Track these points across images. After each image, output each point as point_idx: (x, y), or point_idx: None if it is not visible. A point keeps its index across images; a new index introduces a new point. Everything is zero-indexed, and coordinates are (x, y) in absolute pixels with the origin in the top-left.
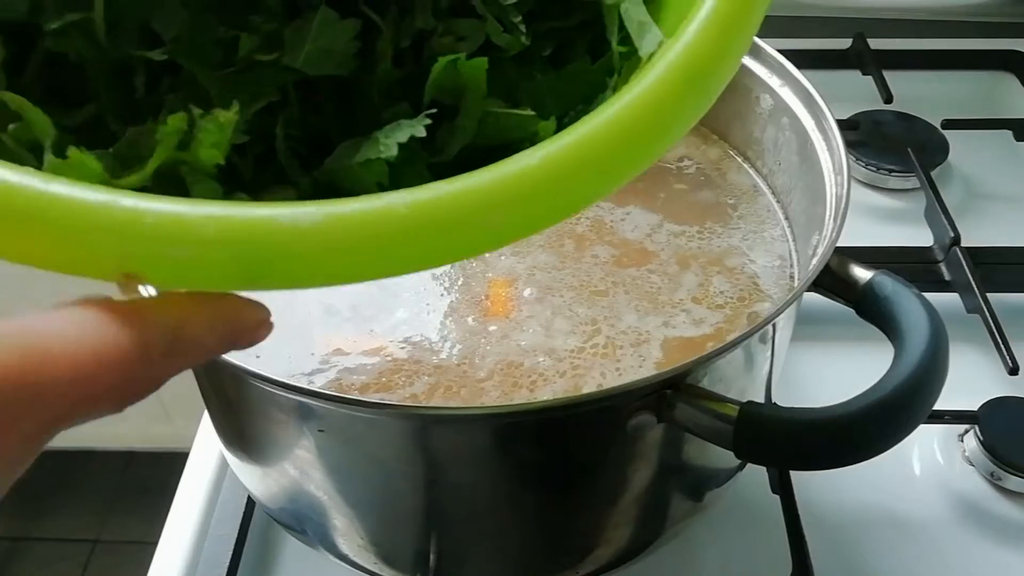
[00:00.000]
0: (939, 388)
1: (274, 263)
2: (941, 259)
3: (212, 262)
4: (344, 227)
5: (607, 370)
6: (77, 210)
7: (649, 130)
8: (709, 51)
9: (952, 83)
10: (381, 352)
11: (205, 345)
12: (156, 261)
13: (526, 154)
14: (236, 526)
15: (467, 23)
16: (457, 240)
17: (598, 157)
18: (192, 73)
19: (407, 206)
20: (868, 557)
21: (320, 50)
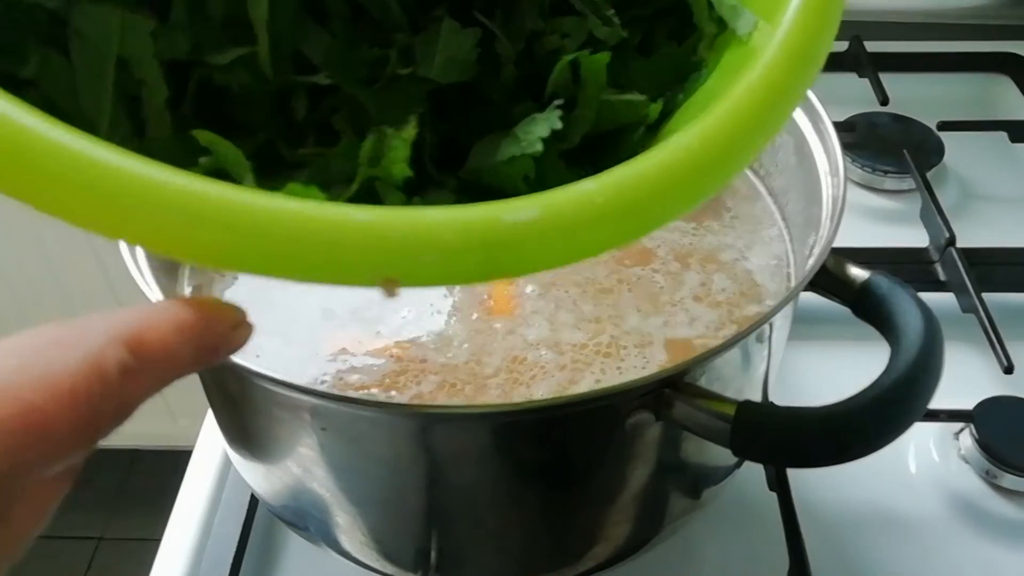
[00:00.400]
0: (934, 387)
1: (506, 256)
2: (936, 259)
3: (457, 262)
4: (558, 218)
5: (608, 367)
6: (343, 230)
7: (777, 103)
8: (811, 29)
9: (948, 85)
10: (387, 352)
11: (175, 354)
12: (411, 266)
13: (681, 136)
14: (239, 523)
15: (570, 21)
16: (644, 219)
17: (744, 131)
18: (347, 92)
19: (601, 194)
20: (864, 554)
21: (448, 59)
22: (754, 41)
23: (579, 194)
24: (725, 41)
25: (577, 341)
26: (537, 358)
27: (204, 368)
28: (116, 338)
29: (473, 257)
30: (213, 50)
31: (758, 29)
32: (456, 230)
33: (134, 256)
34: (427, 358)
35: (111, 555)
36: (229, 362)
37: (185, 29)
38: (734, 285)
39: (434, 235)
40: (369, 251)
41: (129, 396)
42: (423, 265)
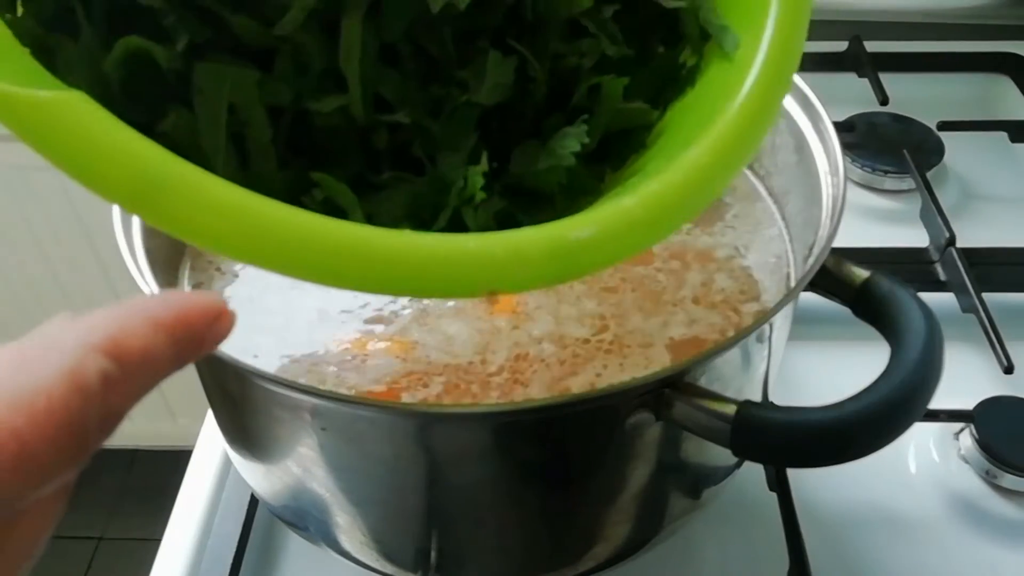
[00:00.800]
0: (934, 387)
1: (573, 265)
2: (937, 259)
3: (539, 273)
4: (609, 231)
5: (610, 363)
6: (460, 257)
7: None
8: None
9: (948, 85)
10: (391, 353)
11: (157, 356)
12: (508, 280)
13: (691, 152)
14: (239, 523)
15: (586, 42)
16: (670, 223)
17: (741, 141)
18: (417, 123)
19: (639, 207)
20: (864, 554)
21: (494, 85)
22: (737, 57)
23: (623, 210)
24: (711, 51)
25: (580, 336)
26: (539, 352)
27: (188, 364)
28: (92, 347)
29: (551, 268)
30: (312, 98)
31: (739, 49)
32: (539, 249)
33: (133, 255)
34: (432, 359)
35: (111, 555)
36: (231, 362)
37: (288, 80)
38: (734, 285)
39: (523, 255)
40: (480, 271)
41: (114, 406)
42: (516, 278)
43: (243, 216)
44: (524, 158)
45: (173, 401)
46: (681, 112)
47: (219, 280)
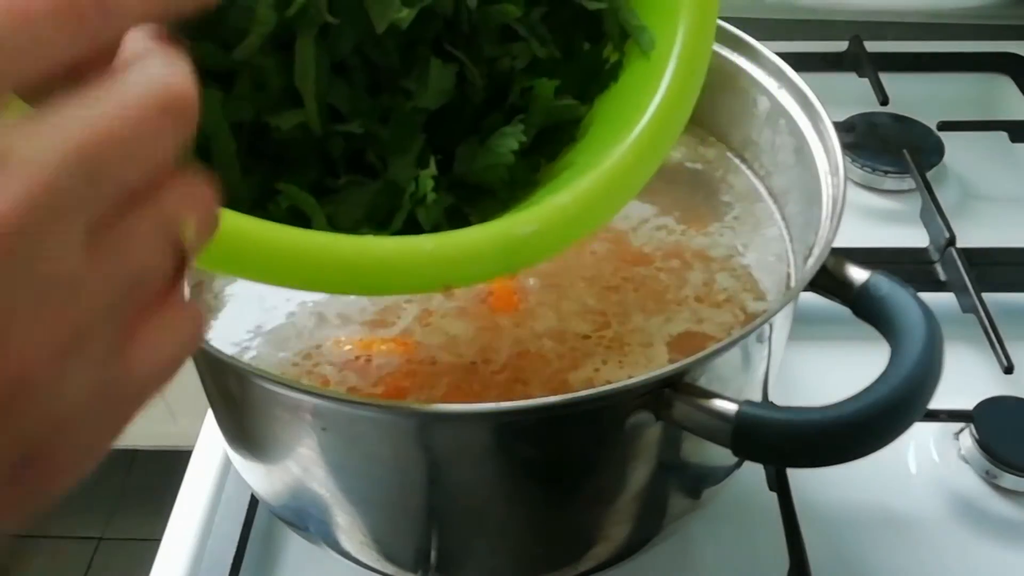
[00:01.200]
0: (934, 387)
1: (520, 256)
2: (937, 259)
3: (490, 267)
4: (550, 224)
5: (610, 359)
6: (417, 256)
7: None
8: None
9: (947, 85)
10: (395, 354)
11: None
12: (462, 275)
13: (614, 152)
14: (239, 523)
15: (517, 46)
16: (601, 215)
17: (659, 139)
18: (371, 133)
19: (573, 205)
20: (864, 554)
21: (437, 90)
22: (653, 56)
23: (559, 207)
24: (631, 48)
25: (581, 331)
26: (539, 348)
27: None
28: None
29: (499, 262)
30: (272, 114)
31: (655, 48)
32: (489, 245)
33: None
34: (437, 358)
35: (111, 555)
36: (232, 362)
37: (248, 99)
38: (734, 285)
39: (475, 252)
40: (437, 270)
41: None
42: (469, 273)
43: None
44: (467, 157)
45: (173, 402)
46: (606, 105)
47: (220, 277)
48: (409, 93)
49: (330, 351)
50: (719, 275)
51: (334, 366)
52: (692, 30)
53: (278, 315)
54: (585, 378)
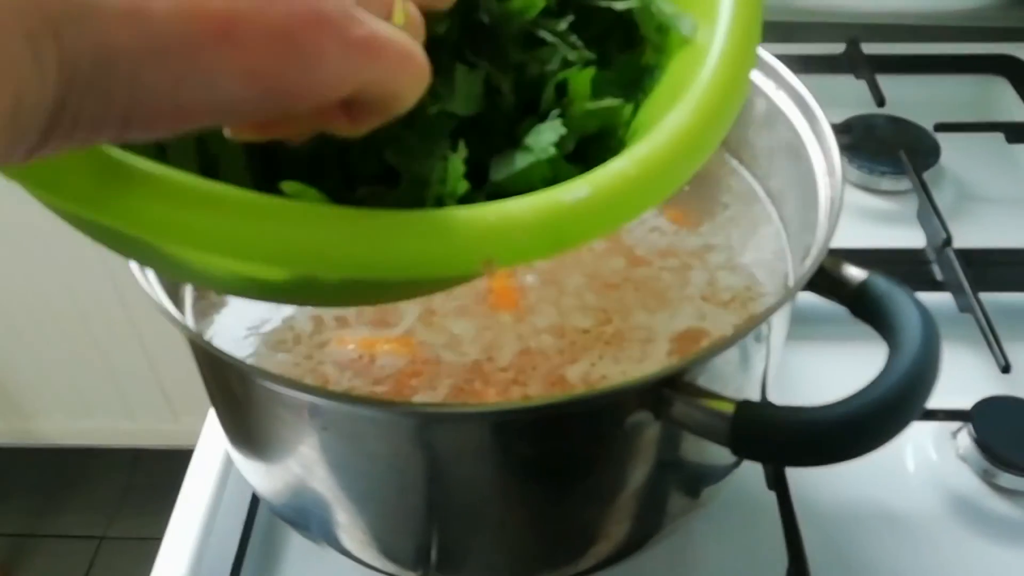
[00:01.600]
0: (932, 386)
1: (571, 228)
2: (933, 260)
3: (537, 238)
4: (604, 190)
5: (606, 355)
6: (451, 223)
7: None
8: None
9: (944, 87)
10: (397, 354)
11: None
12: (505, 246)
13: (675, 116)
14: (241, 522)
15: (546, 50)
16: (666, 183)
17: (723, 103)
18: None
19: (633, 167)
20: (862, 553)
21: (465, 96)
22: (698, 39)
23: (616, 170)
24: (670, 44)
25: (582, 326)
26: (539, 344)
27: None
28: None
29: (547, 233)
30: None
31: (699, 29)
32: (533, 211)
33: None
34: (440, 358)
35: (113, 554)
36: (233, 361)
37: None
38: (732, 285)
39: (519, 217)
40: (473, 237)
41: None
42: (514, 243)
43: (220, 203)
44: (503, 165)
45: (175, 401)
46: (653, 107)
47: None
48: (436, 96)
49: (333, 351)
50: (717, 275)
51: (336, 365)
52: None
53: (280, 314)
54: (582, 373)
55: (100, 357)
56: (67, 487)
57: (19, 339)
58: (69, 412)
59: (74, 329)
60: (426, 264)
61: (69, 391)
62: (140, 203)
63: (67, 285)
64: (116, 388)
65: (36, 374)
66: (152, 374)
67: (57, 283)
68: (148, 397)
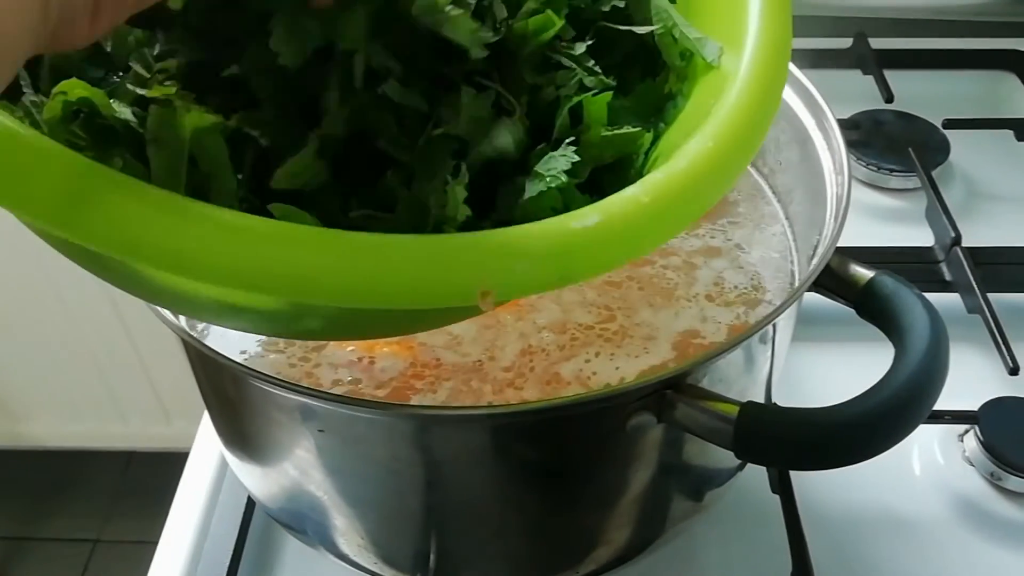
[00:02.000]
0: (940, 388)
1: (579, 258)
2: (942, 259)
3: (541, 268)
4: (616, 219)
5: (603, 351)
6: (445, 249)
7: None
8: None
9: (953, 83)
10: (397, 356)
11: None
12: (505, 276)
13: (695, 143)
14: (236, 526)
15: (562, 74)
16: (683, 214)
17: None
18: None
19: (646, 194)
20: (868, 557)
21: (472, 119)
22: (724, 65)
23: (628, 197)
24: (695, 70)
25: (584, 322)
26: (539, 340)
27: None
28: None
29: (554, 262)
30: (288, 142)
31: (724, 54)
32: (538, 238)
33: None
34: (441, 359)
35: (107, 558)
36: (228, 362)
37: (268, 125)
38: (737, 285)
39: (521, 245)
40: (469, 265)
41: None
42: (515, 274)
43: (193, 221)
44: (511, 192)
45: (169, 403)
46: (675, 137)
47: None
48: (440, 119)
49: (332, 353)
50: (721, 275)
51: (333, 367)
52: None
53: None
54: (575, 370)
55: (92, 359)
56: (60, 490)
57: (10, 340)
58: (61, 414)
59: (66, 330)
60: (417, 293)
61: (61, 393)
62: (116, 221)
63: (58, 286)
64: (109, 390)
65: (28, 376)
66: (145, 376)
67: (48, 284)
68: (141, 399)
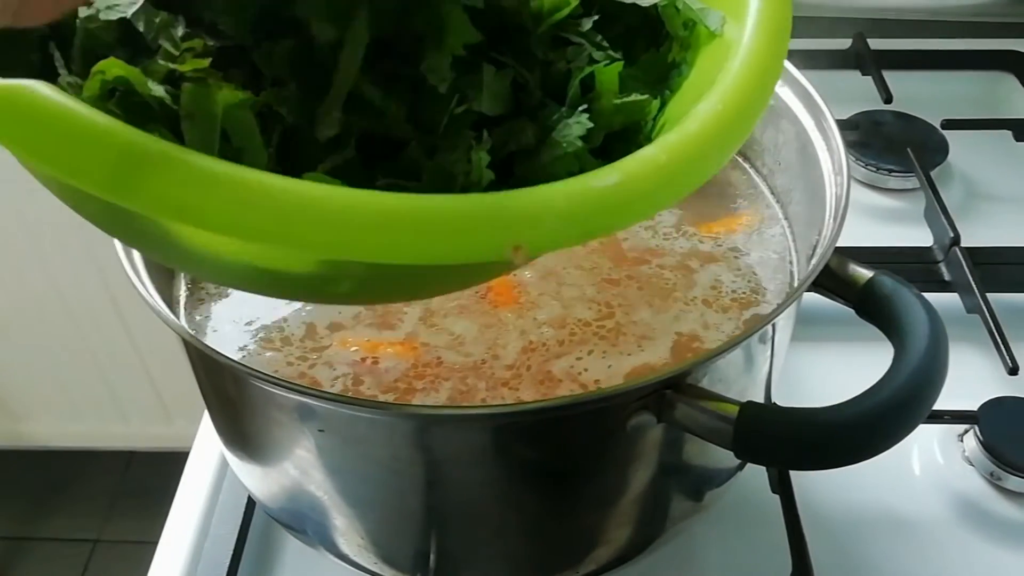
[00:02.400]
0: (939, 388)
1: (601, 215)
2: (941, 259)
3: (568, 224)
4: (634, 178)
5: (595, 350)
6: (480, 208)
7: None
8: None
9: (952, 83)
10: (401, 356)
11: None
12: (535, 232)
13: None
14: (236, 526)
15: (572, 50)
16: (698, 171)
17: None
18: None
19: (664, 153)
20: (868, 557)
21: (492, 95)
22: (727, 33)
23: (645, 157)
24: (698, 40)
25: (583, 318)
26: (539, 336)
27: None
28: None
29: (575, 220)
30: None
31: (726, 23)
32: (563, 196)
33: (132, 263)
34: (444, 360)
35: (107, 558)
36: (228, 362)
37: (293, 103)
38: (737, 285)
39: (548, 202)
40: (502, 222)
41: None
42: (545, 229)
43: (240, 185)
44: (528, 158)
45: (169, 403)
46: (681, 104)
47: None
48: (464, 96)
49: (336, 352)
50: (719, 275)
51: (330, 366)
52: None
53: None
54: (566, 367)
55: (92, 358)
56: (60, 490)
57: (10, 340)
58: (61, 414)
59: (66, 330)
60: (452, 248)
61: (61, 393)
62: (163, 183)
63: (58, 286)
64: (109, 390)
65: (28, 376)
66: (145, 375)
67: (48, 284)
68: (141, 399)
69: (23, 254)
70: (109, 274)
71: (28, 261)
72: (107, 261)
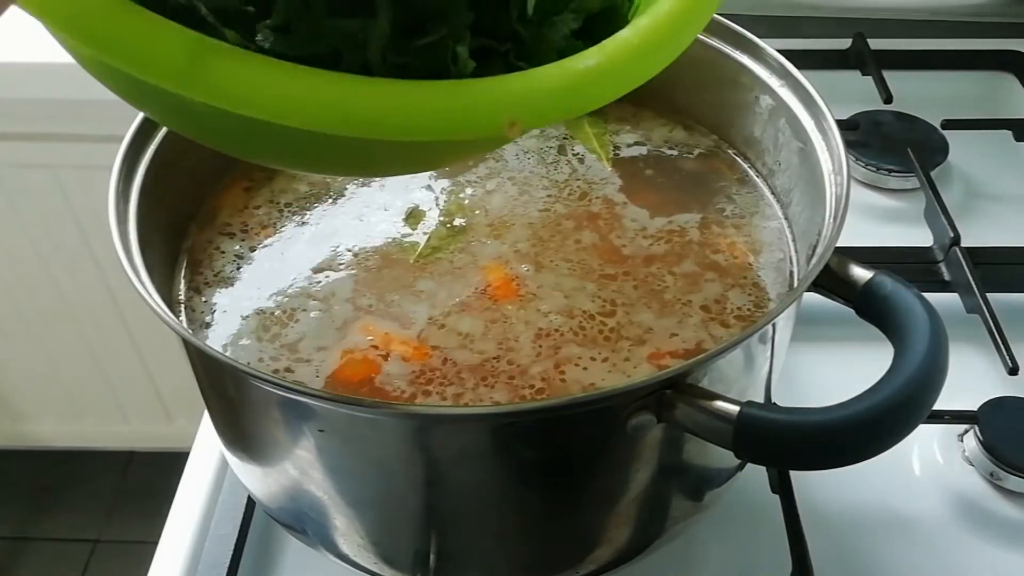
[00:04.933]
0: (939, 388)
1: (586, 91)
2: (941, 259)
3: (558, 100)
4: (612, 59)
5: (590, 350)
6: (479, 89)
7: None
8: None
9: (952, 83)
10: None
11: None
12: (529, 107)
13: (658, 6)
14: (236, 526)
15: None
16: (668, 50)
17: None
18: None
19: (636, 35)
20: (868, 556)
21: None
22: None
23: (621, 39)
24: None
25: (587, 309)
26: (548, 324)
27: None
28: None
29: (564, 96)
30: None
31: None
32: (551, 77)
33: (132, 263)
34: (450, 359)
35: (108, 558)
36: (228, 363)
37: None
38: (735, 286)
39: (538, 82)
40: (498, 97)
41: None
42: (536, 104)
43: (292, 73)
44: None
45: (169, 403)
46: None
47: (216, 283)
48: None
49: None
50: (719, 274)
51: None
52: None
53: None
54: (542, 370)
55: (93, 358)
56: (60, 490)
57: (10, 340)
58: (61, 414)
59: (66, 330)
60: (456, 122)
61: (61, 392)
62: (232, 79)
63: (58, 286)
64: (109, 389)
65: (28, 376)
66: (145, 375)
67: (48, 284)
68: (141, 399)
69: (23, 254)
70: (109, 274)
71: (28, 261)
72: (107, 261)
